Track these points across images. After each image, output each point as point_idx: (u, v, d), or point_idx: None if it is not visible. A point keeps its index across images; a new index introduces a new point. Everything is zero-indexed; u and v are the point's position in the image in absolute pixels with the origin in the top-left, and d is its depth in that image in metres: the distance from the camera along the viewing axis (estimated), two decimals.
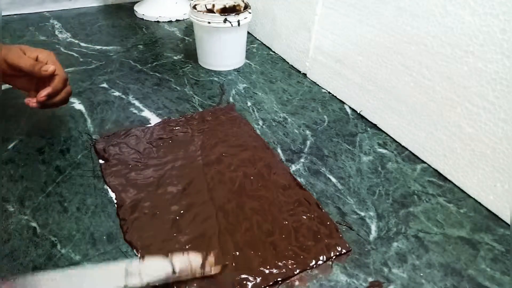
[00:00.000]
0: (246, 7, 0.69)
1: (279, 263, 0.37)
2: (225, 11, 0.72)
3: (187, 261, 0.35)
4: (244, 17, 0.66)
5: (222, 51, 0.69)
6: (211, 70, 0.72)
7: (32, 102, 0.45)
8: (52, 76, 0.45)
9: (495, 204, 0.44)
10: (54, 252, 0.37)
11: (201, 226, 0.40)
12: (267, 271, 0.36)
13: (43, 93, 0.44)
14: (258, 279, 0.36)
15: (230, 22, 0.64)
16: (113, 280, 0.33)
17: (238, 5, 0.71)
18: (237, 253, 0.38)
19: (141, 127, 0.55)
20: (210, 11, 0.71)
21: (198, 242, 0.39)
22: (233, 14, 0.64)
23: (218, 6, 0.72)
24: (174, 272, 0.34)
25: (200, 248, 0.38)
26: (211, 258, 0.36)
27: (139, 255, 0.37)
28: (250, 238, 0.39)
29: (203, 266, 0.35)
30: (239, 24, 0.65)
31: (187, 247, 0.38)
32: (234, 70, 0.72)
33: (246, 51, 0.75)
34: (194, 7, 0.68)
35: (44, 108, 0.47)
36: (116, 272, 0.34)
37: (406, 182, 0.48)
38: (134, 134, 0.53)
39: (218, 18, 0.64)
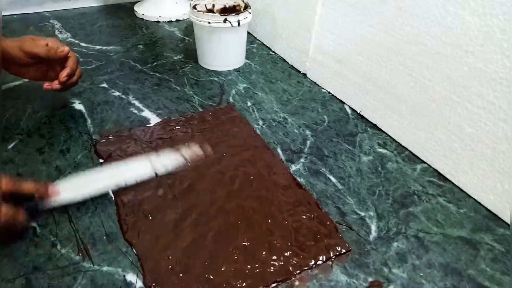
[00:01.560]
0: (246, 7, 0.69)
1: (279, 263, 0.37)
2: (225, 11, 0.72)
3: (192, 151, 0.50)
4: (244, 17, 0.66)
5: (222, 51, 0.69)
6: (211, 70, 0.72)
7: (54, 84, 0.51)
8: (66, 58, 0.52)
9: (495, 204, 0.44)
10: (54, 252, 0.37)
11: (201, 226, 0.40)
12: (267, 271, 0.36)
13: (64, 73, 0.51)
14: (258, 279, 0.36)
15: (230, 22, 0.64)
16: (144, 170, 0.45)
17: (238, 5, 0.71)
18: (237, 253, 0.38)
19: (141, 127, 0.55)
20: (210, 11, 0.71)
21: (197, 242, 0.39)
22: (233, 14, 0.64)
23: (218, 6, 0.72)
24: (185, 159, 0.48)
25: (200, 248, 0.38)
26: (207, 146, 0.51)
27: (137, 254, 0.37)
28: (250, 238, 0.39)
29: (203, 150, 0.50)
30: (239, 24, 0.65)
31: (186, 247, 0.38)
32: (234, 70, 0.72)
33: (246, 51, 0.75)
34: (194, 7, 0.68)
35: (63, 90, 0.53)
36: (144, 164, 0.46)
37: (406, 182, 0.48)
38: (134, 134, 0.53)
39: (218, 18, 0.64)
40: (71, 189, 0.41)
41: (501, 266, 0.38)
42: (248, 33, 0.86)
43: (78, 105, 0.59)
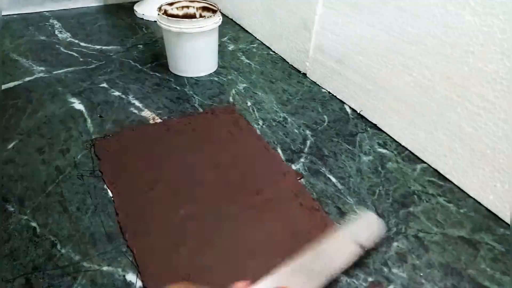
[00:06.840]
0: (215, 11, 0.67)
1: (280, 263, 0.37)
2: (186, 17, 0.70)
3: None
4: (215, 22, 0.64)
5: (195, 56, 0.67)
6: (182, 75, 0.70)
7: None
8: None
9: (495, 204, 0.44)
10: (54, 252, 0.37)
11: (200, 226, 0.40)
12: (267, 271, 0.36)
13: None
14: (259, 279, 0.36)
15: (206, 26, 0.63)
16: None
17: (206, 7, 0.70)
18: (238, 253, 0.38)
19: (141, 126, 0.55)
20: (173, 16, 0.68)
21: (196, 242, 0.39)
22: (207, 17, 0.63)
23: (180, 12, 0.70)
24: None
25: (201, 248, 0.38)
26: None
27: (134, 254, 0.37)
28: (250, 238, 0.39)
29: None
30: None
31: (187, 247, 0.38)
32: (234, 69, 0.72)
33: (247, 51, 0.75)
34: (165, 13, 0.65)
35: None
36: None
37: (406, 182, 0.48)
38: (133, 133, 0.53)
39: (191, 24, 0.62)
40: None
41: (501, 266, 0.38)
42: (248, 33, 0.86)
43: (78, 105, 0.59)
